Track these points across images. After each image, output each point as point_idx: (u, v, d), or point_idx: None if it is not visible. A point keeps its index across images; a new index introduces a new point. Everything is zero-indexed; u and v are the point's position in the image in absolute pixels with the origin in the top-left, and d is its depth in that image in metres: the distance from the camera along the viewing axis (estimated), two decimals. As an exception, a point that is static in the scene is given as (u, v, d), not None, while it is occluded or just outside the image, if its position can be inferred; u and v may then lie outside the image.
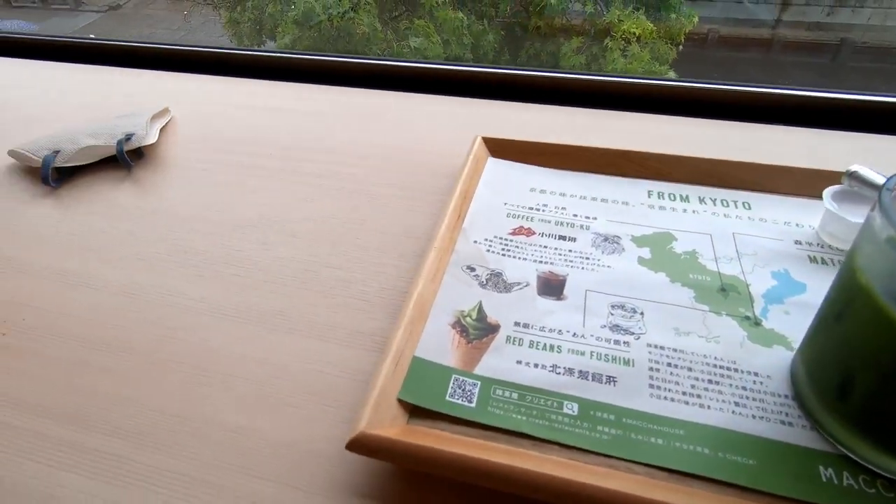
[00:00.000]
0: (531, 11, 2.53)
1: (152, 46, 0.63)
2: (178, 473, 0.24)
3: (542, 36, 2.53)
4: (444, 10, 2.19)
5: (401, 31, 2.29)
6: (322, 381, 0.27)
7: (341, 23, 2.14)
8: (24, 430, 0.25)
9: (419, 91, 0.52)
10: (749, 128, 0.45)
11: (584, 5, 2.49)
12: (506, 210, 0.36)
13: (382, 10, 2.31)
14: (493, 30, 2.51)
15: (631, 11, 2.23)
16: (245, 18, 2.82)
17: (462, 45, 2.24)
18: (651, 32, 2.19)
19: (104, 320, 0.31)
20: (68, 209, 0.40)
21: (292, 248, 0.35)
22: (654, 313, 0.28)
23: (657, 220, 0.34)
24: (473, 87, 0.54)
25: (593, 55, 2.43)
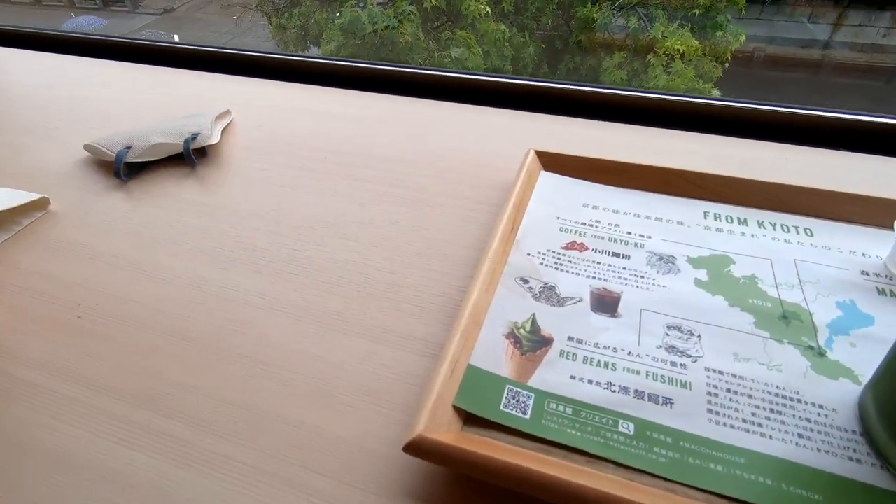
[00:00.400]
0: (573, 26, 2.53)
1: (215, 50, 0.66)
2: (238, 461, 0.24)
3: (583, 50, 2.52)
4: (486, 22, 2.21)
5: (442, 42, 2.32)
6: (376, 382, 0.28)
7: (385, 32, 2.19)
8: (96, 409, 0.27)
9: (472, 102, 0.53)
10: (811, 152, 0.44)
11: (628, 20, 2.47)
12: (558, 224, 0.36)
13: (426, 20, 2.35)
14: (534, 42, 2.52)
15: (676, 28, 2.20)
16: (292, 24, 2.92)
17: (502, 57, 2.26)
18: (696, 50, 2.15)
19: (171, 310, 0.32)
20: (138, 202, 0.42)
21: (347, 251, 0.36)
22: (712, 337, 0.28)
23: (714, 242, 0.34)
24: (525, 100, 0.54)
25: (634, 70, 2.41)
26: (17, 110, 0.56)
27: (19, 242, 0.38)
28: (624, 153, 0.42)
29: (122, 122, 0.52)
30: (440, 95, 0.54)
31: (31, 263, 0.36)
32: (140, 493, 0.23)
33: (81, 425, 0.26)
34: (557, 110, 0.52)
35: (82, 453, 0.25)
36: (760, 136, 0.47)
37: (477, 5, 2.17)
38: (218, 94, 0.58)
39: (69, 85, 0.60)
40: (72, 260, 0.36)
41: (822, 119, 0.48)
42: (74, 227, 0.39)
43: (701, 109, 0.52)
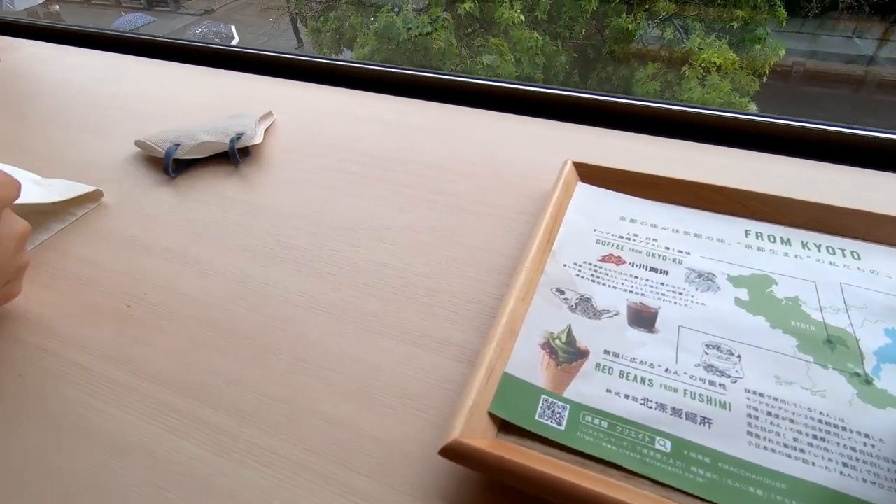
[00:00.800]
0: (607, 35, 2.51)
1: (259, 53, 0.68)
2: (278, 455, 0.25)
3: (616, 60, 2.50)
4: (519, 30, 2.21)
5: (475, 48, 2.33)
6: (413, 386, 0.28)
7: (419, 38, 2.22)
8: (144, 395, 0.28)
9: (508, 111, 0.53)
10: (858, 173, 0.43)
11: (663, 31, 2.44)
12: (595, 236, 0.36)
13: (459, 26, 2.37)
14: (566, 51, 2.51)
15: (713, 40, 2.16)
16: (327, 28, 2.98)
17: (534, 65, 2.26)
18: (733, 63, 2.11)
19: (216, 303, 0.33)
20: (184, 198, 0.43)
21: (384, 254, 0.37)
22: (753, 358, 0.27)
23: (755, 262, 0.33)
24: (561, 110, 0.54)
25: (668, 82, 2.38)
26: (72, 106, 0.58)
27: (74, 232, 0.40)
28: (659, 166, 0.42)
29: (171, 120, 0.54)
30: (478, 103, 0.55)
31: (85, 252, 0.38)
32: (184, 479, 0.24)
33: (130, 410, 0.27)
34: (593, 121, 0.52)
35: (129, 437, 0.26)
36: (801, 153, 0.46)
37: (511, 13, 2.18)
38: (261, 95, 0.60)
39: (121, 83, 0.63)
40: (122, 251, 0.38)
41: (868, 139, 0.47)
42: (125, 219, 0.41)
43: (738, 125, 0.51)
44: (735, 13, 2.35)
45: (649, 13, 2.42)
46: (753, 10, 2.39)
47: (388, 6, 2.30)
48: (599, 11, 2.47)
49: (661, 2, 2.33)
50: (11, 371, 0.29)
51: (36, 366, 0.30)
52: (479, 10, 2.27)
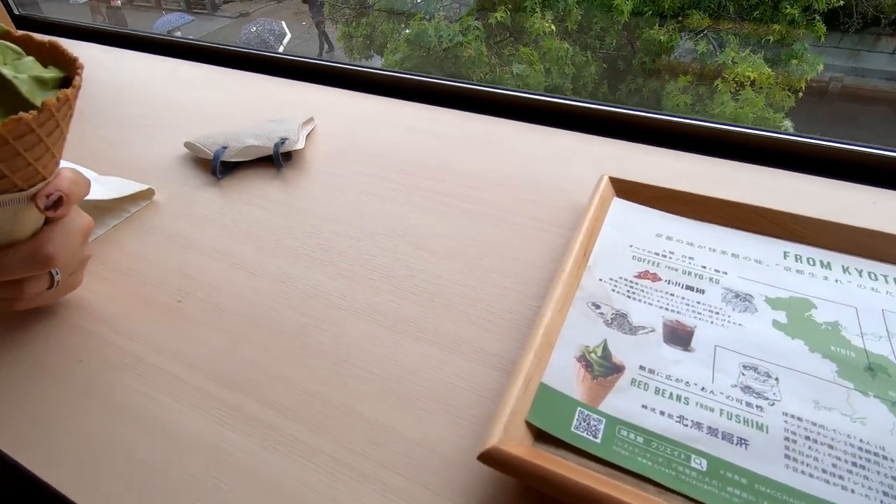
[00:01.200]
0: (637, 47, 2.50)
1: (301, 60, 0.70)
2: (320, 451, 0.26)
3: (646, 72, 2.48)
4: (550, 40, 2.22)
5: (504, 57, 2.35)
6: (449, 391, 0.29)
7: (450, 46, 2.24)
8: (195, 388, 0.29)
9: (545, 123, 0.54)
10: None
11: (696, 44, 2.42)
12: (631, 252, 0.36)
13: (489, 35, 2.38)
14: (596, 62, 2.50)
15: (748, 54, 2.13)
16: (359, 33, 3.03)
17: (563, 75, 2.26)
18: (768, 78, 2.07)
19: (260, 302, 0.35)
20: (229, 199, 0.45)
21: (421, 261, 0.38)
22: (791, 381, 0.27)
23: (794, 284, 0.33)
24: (597, 124, 0.55)
25: (699, 95, 2.35)
26: (124, 106, 0.61)
27: (127, 228, 0.42)
28: (695, 183, 0.42)
29: (216, 122, 0.57)
30: (513, 115, 0.56)
31: (137, 248, 0.40)
32: (232, 469, 0.26)
33: (181, 400, 0.29)
34: (628, 136, 0.52)
35: (182, 426, 0.28)
36: (843, 176, 0.45)
37: (542, 23, 2.19)
38: (302, 101, 0.62)
39: (171, 85, 0.66)
40: (172, 248, 0.40)
41: (916, 164, 0.46)
42: (174, 217, 0.43)
43: (778, 144, 0.51)
44: (772, 27, 2.31)
45: (682, 26, 2.40)
46: (791, 24, 2.35)
47: (420, 14, 2.33)
48: (631, 23, 2.46)
49: (695, 14, 2.30)
50: (73, 357, 0.31)
51: (95, 353, 0.31)
52: (510, 19, 2.29)
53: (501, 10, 2.28)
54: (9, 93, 0.24)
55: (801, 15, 2.36)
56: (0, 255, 0.27)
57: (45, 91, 0.26)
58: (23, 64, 0.26)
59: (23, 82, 0.25)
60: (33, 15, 0.90)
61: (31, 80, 0.25)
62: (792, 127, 2.15)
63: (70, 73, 0.27)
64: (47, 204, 0.27)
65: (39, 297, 0.31)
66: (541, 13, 2.24)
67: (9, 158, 0.24)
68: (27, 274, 0.29)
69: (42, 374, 0.30)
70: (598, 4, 2.36)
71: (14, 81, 0.24)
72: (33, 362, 0.31)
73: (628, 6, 2.34)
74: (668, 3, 2.33)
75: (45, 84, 0.26)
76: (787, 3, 2.40)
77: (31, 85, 0.25)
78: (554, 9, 2.28)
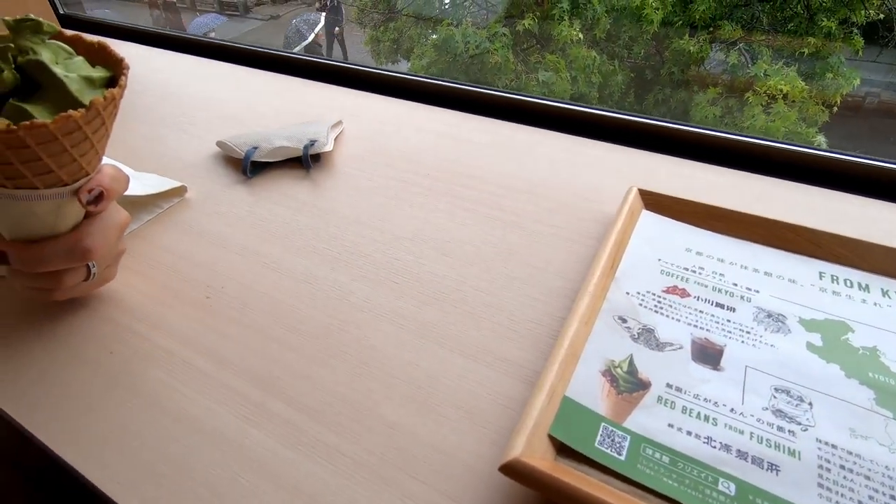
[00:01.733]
0: (666, 57, 2.46)
1: (332, 63, 0.71)
2: (341, 452, 0.26)
3: (675, 83, 2.45)
4: (577, 48, 2.20)
5: (531, 64, 2.34)
6: (470, 398, 0.29)
7: (476, 52, 2.25)
8: (221, 383, 0.30)
9: (573, 132, 0.54)
10: (945, 220, 0.41)
11: (727, 55, 2.37)
12: (659, 266, 0.36)
13: (516, 42, 2.38)
14: (623, 71, 2.48)
15: (781, 67, 2.08)
16: (386, 38, 3.07)
17: (589, 84, 2.24)
18: (801, 91, 2.02)
19: (286, 301, 0.35)
20: (259, 198, 0.46)
21: (445, 267, 0.38)
22: (825, 407, 0.26)
23: (830, 306, 0.32)
24: (625, 135, 0.54)
25: (729, 108, 2.30)
26: (161, 105, 0.63)
27: (160, 223, 0.43)
28: (726, 198, 0.41)
29: (247, 122, 0.58)
30: (540, 123, 0.55)
31: (169, 243, 0.41)
32: (255, 465, 0.26)
33: (208, 395, 0.29)
34: (657, 147, 0.51)
35: (207, 421, 0.28)
36: (882, 195, 0.44)
37: (570, 31, 2.18)
38: (330, 104, 0.62)
39: (206, 85, 0.68)
40: (203, 245, 0.41)
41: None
42: (205, 215, 0.44)
43: (814, 161, 0.49)
44: (806, 40, 2.26)
45: (713, 37, 2.36)
46: (827, 37, 2.29)
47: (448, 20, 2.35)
48: (660, 33, 2.43)
49: (727, 25, 2.26)
50: (104, 348, 0.32)
51: (126, 345, 0.32)
52: (537, 26, 2.28)
53: (529, 18, 2.28)
54: (60, 91, 0.25)
55: (838, 28, 2.30)
56: (41, 247, 0.28)
57: (93, 90, 0.27)
58: (73, 63, 0.27)
59: (73, 81, 0.26)
60: (77, 14, 0.94)
61: (81, 79, 0.26)
62: (825, 142, 2.09)
63: (116, 73, 0.28)
64: (89, 199, 0.28)
65: (76, 288, 0.32)
66: (569, 21, 2.24)
67: (56, 154, 0.25)
68: (66, 266, 0.29)
69: (75, 364, 0.31)
70: (627, 14, 2.34)
71: (65, 80, 0.25)
72: (67, 352, 0.32)
73: (658, 16, 2.31)
74: (700, 13, 2.29)
75: (94, 83, 0.27)
76: (823, 16, 2.34)
77: (80, 84, 0.26)
78: (582, 17, 2.27)
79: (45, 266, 0.29)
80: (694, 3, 2.34)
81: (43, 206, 0.27)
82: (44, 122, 0.24)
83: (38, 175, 0.26)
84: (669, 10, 2.38)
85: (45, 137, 0.24)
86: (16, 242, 0.28)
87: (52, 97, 0.25)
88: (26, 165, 0.25)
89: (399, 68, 3.05)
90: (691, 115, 2.32)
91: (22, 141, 0.24)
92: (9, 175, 0.25)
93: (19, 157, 0.24)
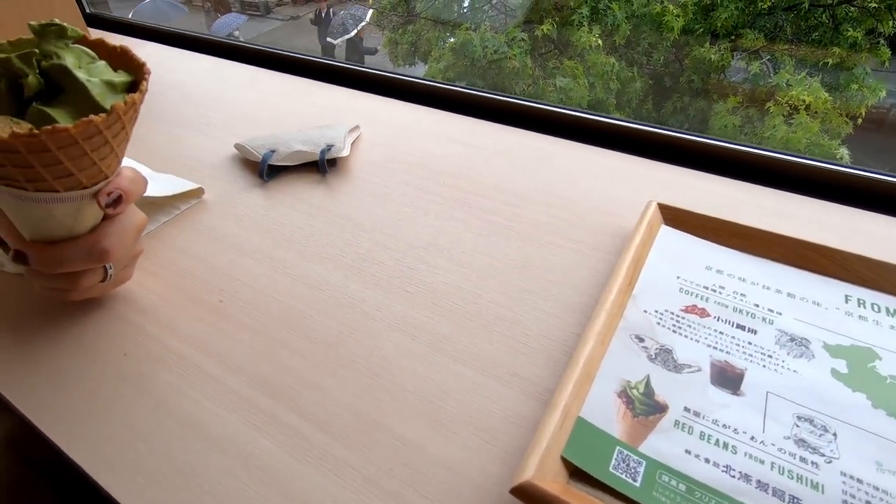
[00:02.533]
0: (686, 65, 2.44)
1: (350, 67, 0.71)
2: (349, 466, 0.26)
3: (694, 91, 2.41)
4: (595, 54, 2.19)
5: (548, 69, 2.33)
6: (481, 415, 0.28)
7: (494, 57, 2.24)
8: (231, 390, 0.30)
9: (591, 143, 0.53)
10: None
11: (749, 64, 2.34)
12: (678, 284, 0.35)
13: (534, 47, 2.38)
14: (642, 78, 2.45)
15: (804, 77, 2.04)
16: (404, 40, 3.08)
17: (607, 90, 2.22)
18: (825, 102, 1.98)
19: (298, 307, 0.35)
20: (274, 201, 0.46)
21: (459, 277, 0.37)
22: (851, 438, 0.25)
23: (856, 332, 0.31)
24: (645, 146, 0.53)
25: (749, 117, 2.26)
26: (181, 105, 0.64)
27: (176, 225, 0.43)
28: (747, 214, 0.40)
29: (266, 125, 0.58)
30: (558, 132, 0.55)
31: (185, 245, 0.41)
32: (263, 476, 0.26)
33: (218, 402, 0.29)
34: (677, 160, 0.50)
35: (217, 428, 0.28)
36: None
37: (589, 37, 2.16)
38: (347, 108, 0.62)
39: (224, 86, 0.68)
40: (218, 248, 0.41)
41: None
42: (221, 217, 0.44)
43: (839, 177, 0.48)
44: (831, 50, 2.21)
45: (735, 45, 2.32)
46: (852, 47, 2.24)
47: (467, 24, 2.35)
48: (681, 40, 2.40)
49: (750, 34, 2.23)
50: (118, 349, 0.32)
51: (139, 347, 0.32)
52: (556, 32, 2.27)
53: (548, 23, 2.27)
54: (82, 95, 0.26)
55: (864, 38, 2.25)
56: (60, 249, 0.28)
57: (114, 94, 0.27)
58: (96, 68, 0.27)
59: (95, 85, 0.26)
60: (103, 13, 0.96)
61: (103, 83, 0.26)
62: (848, 155, 2.04)
63: (138, 77, 0.28)
64: (108, 202, 0.28)
65: (93, 289, 0.32)
66: (588, 27, 2.22)
67: (77, 157, 0.25)
68: (85, 267, 0.30)
69: (90, 365, 0.31)
70: (647, 20, 2.32)
71: (87, 84, 0.26)
72: (84, 352, 0.32)
73: (679, 23, 2.28)
74: (722, 21, 2.26)
75: (115, 88, 0.27)
76: (849, 25, 2.29)
77: (102, 88, 0.26)
78: (602, 23, 2.26)
79: (64, 267, 0.29)
80: (716, 10, 2.31)
81: (62, 208, 0.27)
82: (65, 127, 0.24)
83: (59, 178, 0.26)
84: (690, 17, 2.35)
85: (66, 141, 0.24)
86: (35, 243, 0.29)
87: (74, 101, 0.26)
88: (47, 169, 0.25)
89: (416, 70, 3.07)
90: (710, 123, 2.29)
91: (44, 145, 0.24)
92: (30, 178, 0.25)
93: (41, 160, 0.24)
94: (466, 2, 3.01)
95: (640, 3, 2.31)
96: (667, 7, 2.31)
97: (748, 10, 2.30)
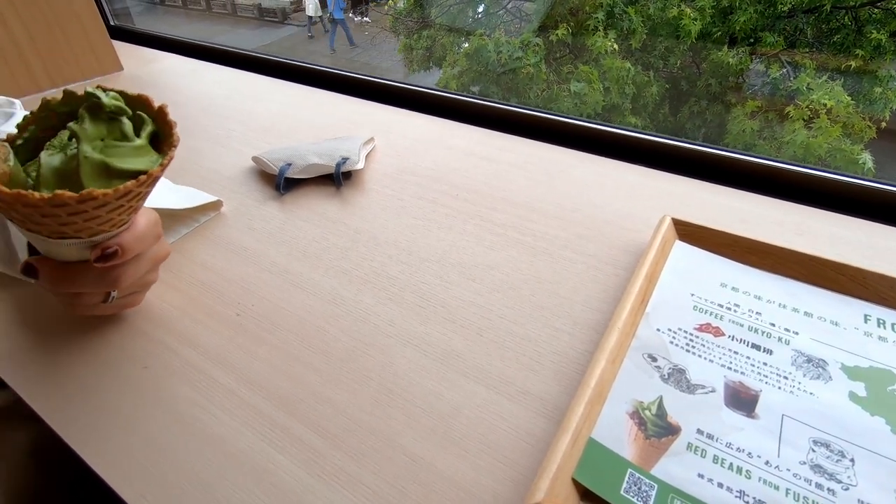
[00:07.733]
0: (703, 69, 2.41)
1: (365, 79, 0.72)
2: (362, 483, 0.26)
3: (711, 95, 2.38)
4: (611, 59, 2.17)
5: (563, 74, 2.32)
6: (492, 433, 0.28)
7: (508, 61, 2.24)
8: (247, 404, 0.30)
9: (606, 154, 0.53)
10: None
11: (768, 68, 2.30)
12: (692, 302, 0.34)
13: (549, 52, 2.37)
14: (658, 82, 2.43)
15: (825, 80, 2.00)
16: (419, 46, 3.10)
17: (623, 95, 2.21)
18: (847, 106, 1.93)
19: (313, 321, 0.36)
20: (290, 214, 0.47)
21: (471, 292, 0.38)
22: (869, 465, 0.25)
23: (876, 353, 0.31)
24: (661, 159, 0.53)
25: (768, 121, 2.23)
26: (202, 118, 0.65)
27: (195, 237, 0.45)
28: (764, 229, 0.40)
29: (284, 136, 0.59)
30: (574, 144, 0.55)
31: (203, 258, 0.42)
32: (279, 492, 0.26)
33: (235, 416, 0.30)
34: (693, 173, 0.50)
35: (233, 442, 0.29)
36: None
37: (605, 42, 2.15)
38: (362, 119, 0.63)
39: (242, 97, 0.70)
40: (235, 260, 0.42)
41: None
42: (239, 230, 0.45)
43: (859, 191, 0.47)
44: (854, 53, 2.17)
45: (753, 49, 2.29)
46: (876, 50, 2.19)
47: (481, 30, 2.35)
48: (698, 44, 2.37)
49: (769, 37, 2.19)
50: (138, 362, 0.33)
51: (158, 360, 0.33)
52: (571, 36, 2.26)
53: (563, 28, 2.27)
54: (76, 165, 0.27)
55: (888, 40, 2.20)
56: (72, 271, 0.29)
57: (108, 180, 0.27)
58: (116, 149, 0.28)
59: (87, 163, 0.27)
60: (126, 26, 0.98)
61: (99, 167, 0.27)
62: (871, 160, 1.99)
63: (166, 146, 0.29)
64: (100, 256, 0.28)
65: (94, 307, 0.32)
66: (603, 32, 2.21)
67: (83, 221, 0.27)
68: (92, 290, 0.30)
69: (111, 378, 0.32)
70: (663, 24, 2.30)
71: (81, 161, 0.26)
72: (106, 367, 0.33)
73: (696, 27, 2.26)
74: (740, 24, 2.23)
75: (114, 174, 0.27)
76: (872, 27, 2.24)
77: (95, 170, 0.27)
78: (618, 28, 2.24)
79: (71, 288, 0.30)
80: (734, 14, 2.28)
81: (65, 246, 0.28)
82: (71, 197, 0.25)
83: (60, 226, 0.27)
84: (708, 20, 2.33)
85: (74, 210, 0.26)
86: (48, 260, 0.29)
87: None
88: (44, 224, 0.26)
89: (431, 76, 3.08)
90: (728, 128, 2.25)
91: (53, 211, 0.25)
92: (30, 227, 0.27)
93: (56, 219, 0.26)
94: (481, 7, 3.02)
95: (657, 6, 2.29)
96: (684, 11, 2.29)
97: (767, 12, 2.27)
